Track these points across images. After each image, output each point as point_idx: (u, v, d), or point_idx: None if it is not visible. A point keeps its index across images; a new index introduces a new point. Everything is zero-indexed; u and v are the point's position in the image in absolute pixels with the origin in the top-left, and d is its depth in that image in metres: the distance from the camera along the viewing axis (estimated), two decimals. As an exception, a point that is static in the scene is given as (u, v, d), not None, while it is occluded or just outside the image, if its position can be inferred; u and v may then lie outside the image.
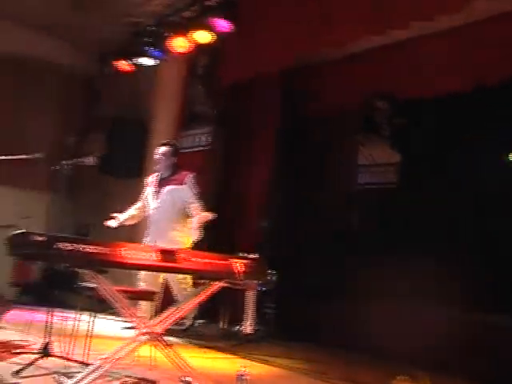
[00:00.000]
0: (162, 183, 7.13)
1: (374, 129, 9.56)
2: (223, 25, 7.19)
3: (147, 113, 9.82)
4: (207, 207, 6.89)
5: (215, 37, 7.58)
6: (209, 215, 6.70)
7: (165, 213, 6.91)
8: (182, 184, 7.01)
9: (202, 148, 9.25)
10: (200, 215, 6.68)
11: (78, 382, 4.05)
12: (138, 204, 7.24)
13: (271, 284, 7.50)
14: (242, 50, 8.24)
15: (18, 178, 6.23)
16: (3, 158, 6.08)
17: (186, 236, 6.89)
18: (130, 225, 7.18)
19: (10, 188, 8.10)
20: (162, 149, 7.18)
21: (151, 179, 7.28)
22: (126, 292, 5.28)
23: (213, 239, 8.79)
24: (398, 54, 8.09)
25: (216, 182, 9.27)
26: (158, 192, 7.09)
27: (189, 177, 7.06)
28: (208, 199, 8.84)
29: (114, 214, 6.94)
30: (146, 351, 4.94)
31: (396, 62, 8.16)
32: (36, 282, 9.27)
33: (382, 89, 8.53)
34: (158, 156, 7.16)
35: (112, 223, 6.91)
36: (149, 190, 7.21)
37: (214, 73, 8.88)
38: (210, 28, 7.44)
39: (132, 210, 7.19)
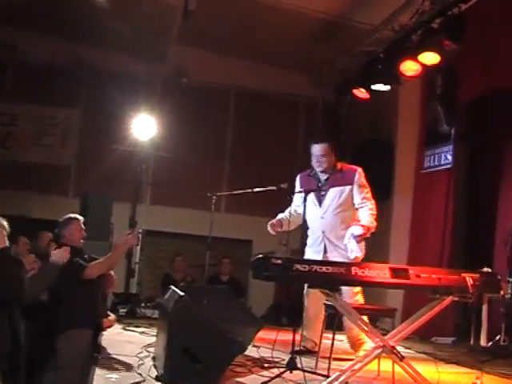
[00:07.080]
0: (323, 185, 6.40)
1: None
2: (451, 45, 7.22)
3: (390, 136, 10.05)
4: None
5: (444, 57, 7.60)
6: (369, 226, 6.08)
7: (332, 218, 6.26)
8: (349, 184, 6.33)
9: (445, 167, 9.23)
10: (364, 225, 6.04)
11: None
12: (290, 211, 6.39)
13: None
14: (476, 67, 8.16)
15: (273, 206, 6.70)
16: (258, 190, 6.71)
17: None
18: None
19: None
20: (319, 146, 6.40)
21: (300, 182, 6.59)
22: (365, 309, 5.59)
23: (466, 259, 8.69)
24: None
25: (463, 197, 9.17)
26: (319, 196, 6.37)
27: (356, 174, 6.36)
28: (457, 214, 8.88)
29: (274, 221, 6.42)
30: (389, 366, 5.16)
31: None
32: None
33: None
34: (317, 156, 6.38)
35: (272, 231, 6.40)
36: (299, 196, 6.26)
37: (450, 92, 8.87)
38: (437, 49, 7.49)
39: (287, 216, 6.42)
